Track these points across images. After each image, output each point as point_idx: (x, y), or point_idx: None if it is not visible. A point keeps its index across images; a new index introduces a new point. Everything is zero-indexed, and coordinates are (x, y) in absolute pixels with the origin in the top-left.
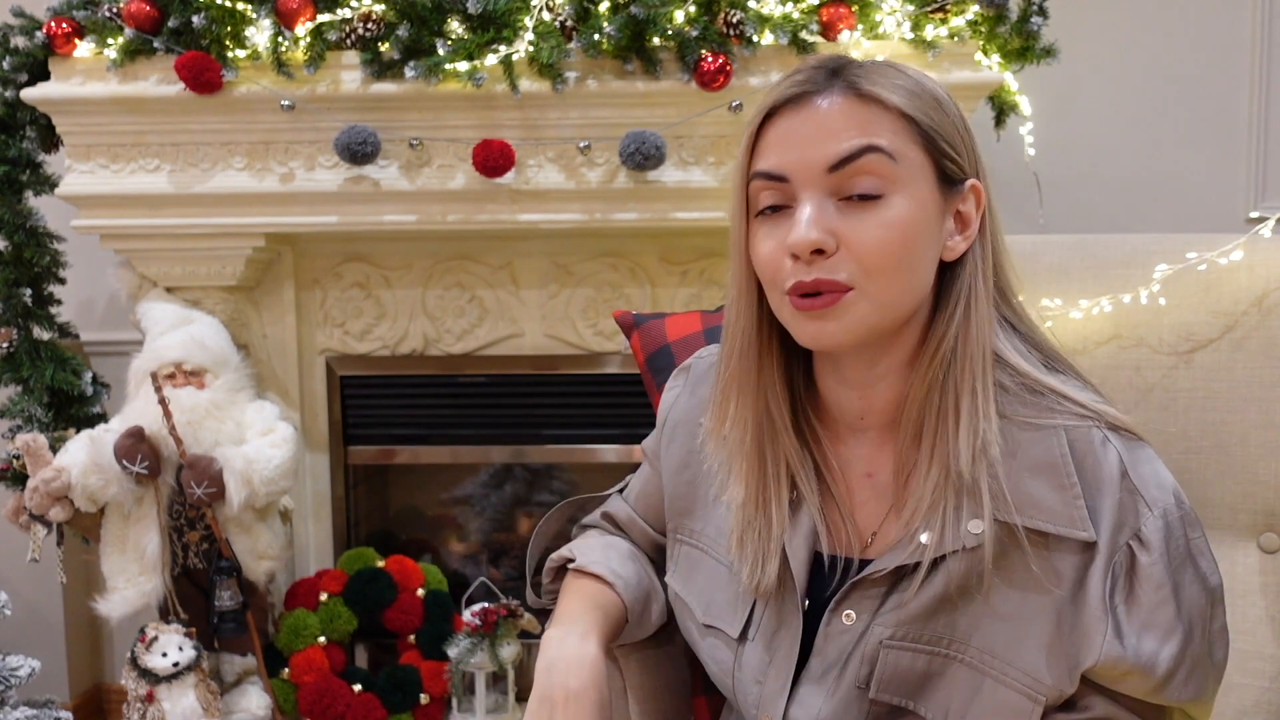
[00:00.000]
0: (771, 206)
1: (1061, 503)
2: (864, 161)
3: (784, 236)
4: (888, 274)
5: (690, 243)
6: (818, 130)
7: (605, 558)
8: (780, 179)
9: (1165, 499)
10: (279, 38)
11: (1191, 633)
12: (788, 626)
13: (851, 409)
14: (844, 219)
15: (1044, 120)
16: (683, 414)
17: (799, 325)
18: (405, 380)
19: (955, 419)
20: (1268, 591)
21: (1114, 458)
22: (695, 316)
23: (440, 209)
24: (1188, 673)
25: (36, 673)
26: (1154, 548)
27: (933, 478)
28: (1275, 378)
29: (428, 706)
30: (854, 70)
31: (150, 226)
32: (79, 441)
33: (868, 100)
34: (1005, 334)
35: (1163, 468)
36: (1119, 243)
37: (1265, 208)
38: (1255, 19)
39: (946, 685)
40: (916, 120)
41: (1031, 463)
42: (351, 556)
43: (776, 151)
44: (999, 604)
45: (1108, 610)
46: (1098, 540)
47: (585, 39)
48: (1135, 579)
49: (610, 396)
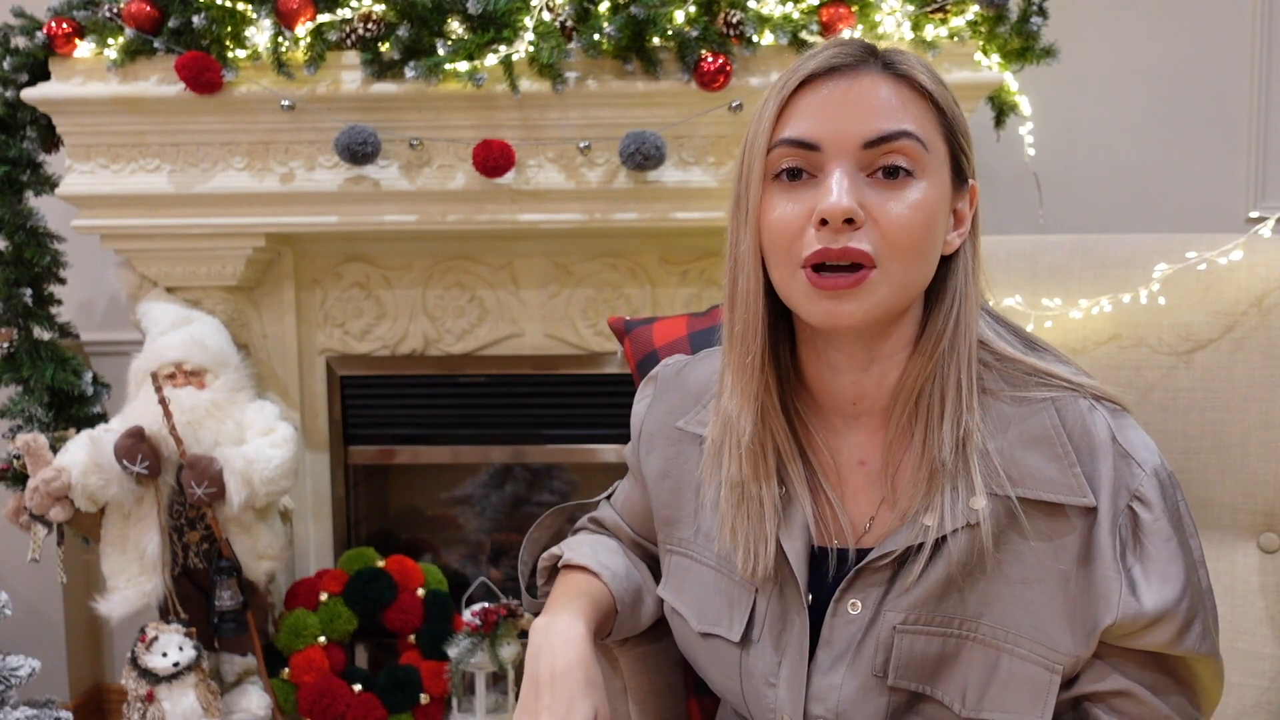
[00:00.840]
0: (791, 171)
1: (1059, 471)
2: (899, 144)
3: (807, 203)
4: (909, 254)
5: (690, 243)
6: (857, 104)
7: (593, 552)
8: (811, 147)
9: (1154, 459)
10: (279, 38)
11: (1199, 584)
12: (793, 624)
13: (844, 395)
14: (872, 194)
15: (1044, 120)
16: (657, 423)
17: (813, 304)
18: (405, 380)
19: (941, 410)
20: (1268, 591)
21: (1102, 424)
22: (682, 321)
23: (440, 209)
24: (1203, 624)
25: (36, 673)
26: (1154, 504)
27: (926, 463)
28: (1275, 378)
29: (428, 706)
30: (890, 52)
31: (150, 226)
32: (79, 441)
33: (906, 84)
34: (985, 321)
35: (1145, 434)
36: (1119, 243)
37: (1265, 208)
38: (1255, 19)
39: (963, 666)
40: (945, 111)
41: (1024, 437)
42: (351, 556)
43: (810, 120)
44: (1007, 578)
45: (1120, 570)
46: (1098, 505)
47: (585, 39)
48: (1142, 535)
49: (610, 396)
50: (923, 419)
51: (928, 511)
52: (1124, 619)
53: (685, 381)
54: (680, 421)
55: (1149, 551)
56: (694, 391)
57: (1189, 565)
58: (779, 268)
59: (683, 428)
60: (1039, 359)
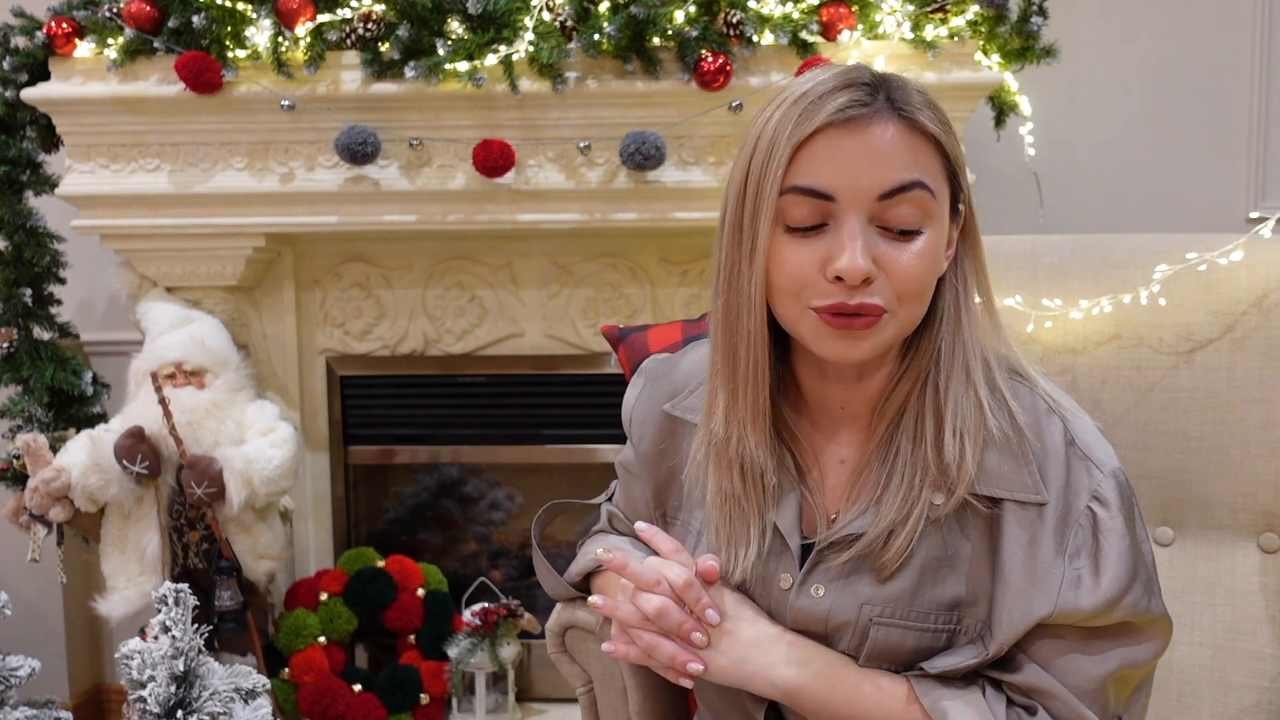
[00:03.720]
0: (808, 226)
1: (1014, 469)
2: (911, 194)
3: (820, 254)
4: (916, 300)
5: (690, 243)
6: (872, 156)
7: (621, 545)
8: (827, 197)
9: (1111, 462)
10: (279, 38)
11: (1147, 577)
12: (777, 601)
13: (833, 401)
14: (883, 246)
15: (1044, 120)
16: (645, 410)
17: (825, 341)
18: (405, 380)
19: (938, 421)
20: (1267, 591)
21: (1058, 426)
22: (676, 327)
23: (440, 209)
24: (1145, 588)
25: (36, 673)
26: (1112, 503)
27: (901, 462)
28: (1275, 378)
29: (428, 706)
30: (896, 92)
31: (150, 226)
32: (79, 441)
33: (916, 131)
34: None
35: (1101, 436)
36: (1119, 243)
37: (1265, 208)
38: (1255, 20)
39: (938, 653)
40: (948, 154)
41: (986, 436)
42: (351, 556)
43: (826, 170)
44: (970, 571)
45: (1063, 565)
46: (1048, 502)
47: (585, 39)
48: (1100, 534)
49: (610, 396)
50: (911, 424)
51: (884, 502)
52: (1060, 613)
53: (672, 371)
54: (667, 405)
55: (1103, 548)
56: (681, 379)
57: (1137, 562)
58: (786, 306)
59: (669, 411)
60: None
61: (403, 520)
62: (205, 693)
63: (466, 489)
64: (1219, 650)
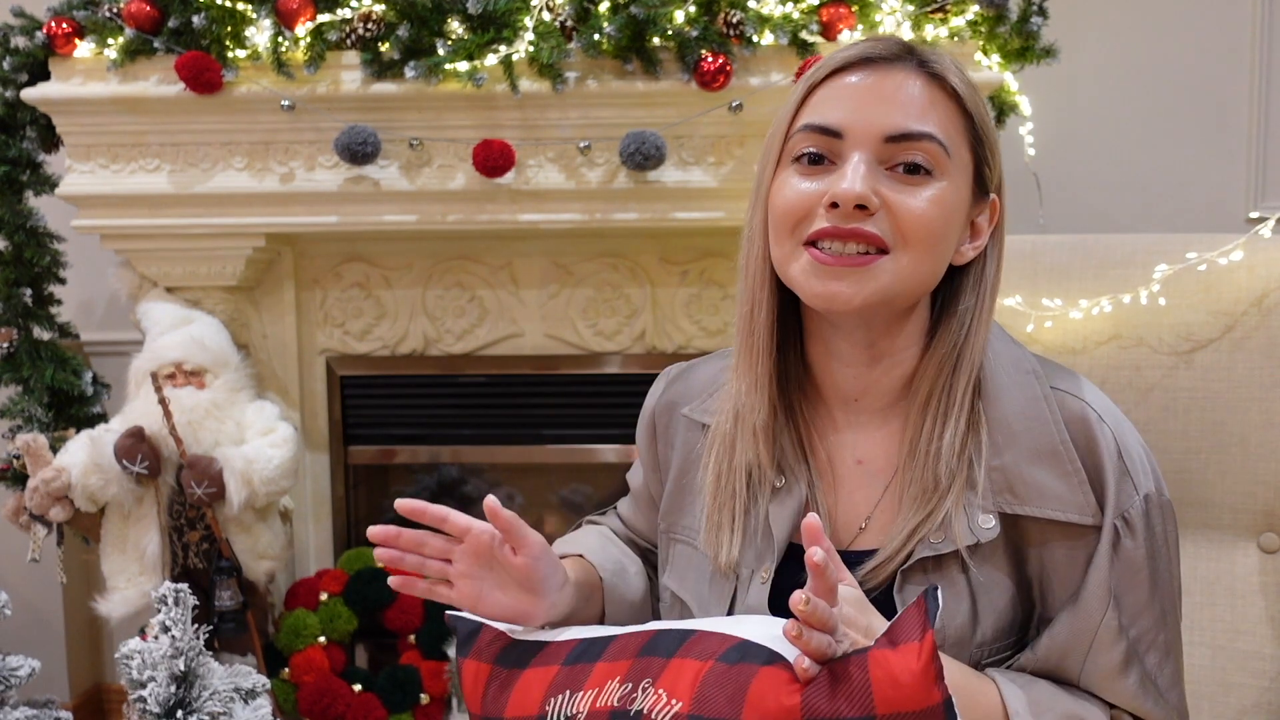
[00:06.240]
0: (812, 156)
1: (1068, 490)
2: (921, 144)
3: (822, 186)
4: (920, 247)
5: (690, 243)
6: (885, 96)
7: (573, 542)
8: (834, 134)
9: (1148, 484)
10: (279, 38)
11: (1165, 619)
12: (755, 594)
13: (848, 388)
14: (889, 186)
15: (1044, 120)
16: (665, 410)
17: (812, 281)
18: (405, 380)
19: (945, 419)
20: (1268, 591)
21: (1109, 436)
22: None
23: (440, 209)
24: (1153, 668)
25: (36, 673)
26: (1138, 531)
27: (931, 473)
28: (1275, 378)
29: (428, 706)
30: (926, 51)
31: (150, 226)
32: (79, 441)
33: (937, 84)
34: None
35: (1146, 450)
36: (1119, 243)
37: (1265, 208)
38: (1255, 19)
39: None
40: (974, 118)
41: (1031, 450)
42: (351, 556)
43: (836, 107)
44: (1004, 593)
45: (1110, 594)
46: (1103, 522)
47: (585, 39)
48: (1117, 559)
49: (610, 396)
50: (928, 426)
51: (928, 524)
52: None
53: (691, 376)
54: (686, 409)
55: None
56: (700, 384)
57: (1159, 598)
58: (781, 244)
59: (688, 414)
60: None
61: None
62: (205, 693)
63: (467, 489)
64: (1219, 650)
